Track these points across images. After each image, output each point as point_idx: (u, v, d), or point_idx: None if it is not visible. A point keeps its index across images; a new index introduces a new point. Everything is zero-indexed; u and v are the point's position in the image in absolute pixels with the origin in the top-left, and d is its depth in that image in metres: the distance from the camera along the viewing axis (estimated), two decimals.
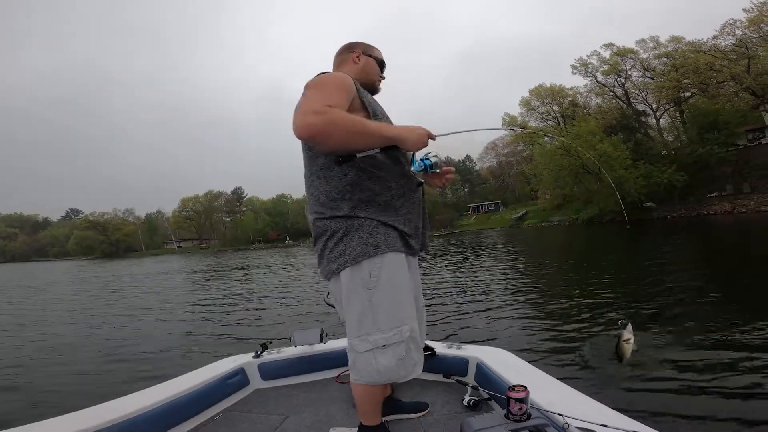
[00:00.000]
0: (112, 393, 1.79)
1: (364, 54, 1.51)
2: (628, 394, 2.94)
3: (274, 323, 6.56)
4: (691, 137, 30.54)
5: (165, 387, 1.82)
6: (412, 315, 1.34)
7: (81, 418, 1.51)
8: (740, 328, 4.10)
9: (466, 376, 1.95)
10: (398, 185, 1.36)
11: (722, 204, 26.97)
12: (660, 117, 37.91)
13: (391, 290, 1.29)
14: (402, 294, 1.31)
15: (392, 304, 1.29)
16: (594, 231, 25.89)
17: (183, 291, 13.06)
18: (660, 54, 34.10)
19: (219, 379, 1.95)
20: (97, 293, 14.41)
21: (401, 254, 1.34)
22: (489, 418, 1.21)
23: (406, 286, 1.33)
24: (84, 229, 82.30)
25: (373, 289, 1.27)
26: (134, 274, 22.99)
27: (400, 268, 1.32)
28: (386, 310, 1.28)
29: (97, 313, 9.34)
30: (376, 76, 1.54)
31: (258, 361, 2.17)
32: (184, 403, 1.74)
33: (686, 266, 8.64)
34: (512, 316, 5.58)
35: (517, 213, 48.77)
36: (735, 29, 28.69)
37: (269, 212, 74.97)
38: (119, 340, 6.30)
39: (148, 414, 1.59)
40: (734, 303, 5.25)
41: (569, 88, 42.07)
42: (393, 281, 1.29)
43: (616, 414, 1.30)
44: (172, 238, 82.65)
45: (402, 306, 1.31)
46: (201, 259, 38.53)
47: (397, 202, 1.35)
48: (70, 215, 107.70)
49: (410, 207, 1.39)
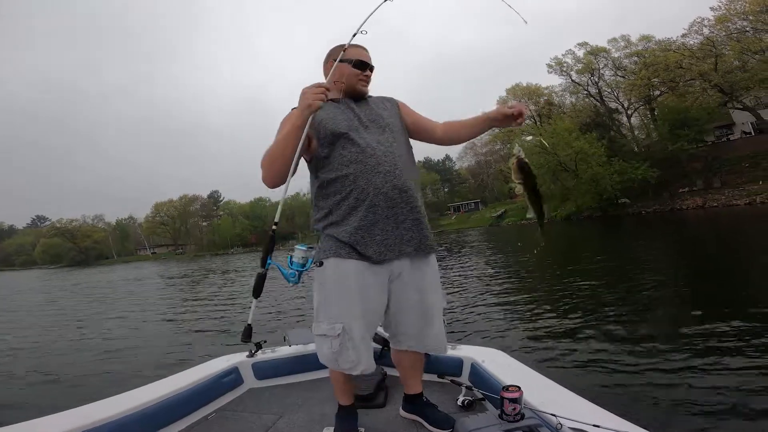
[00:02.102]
0: (103, 394, 1.73)
1: (336, 61, 1.49)
2: (620, 395, 2.95)
3: (268, 322, 6.49)
4: (662, 134, 31.22)
5: (157, 386, 1.81)
6: (351, 315, 1.38)
7: (69, 417, 1.48)
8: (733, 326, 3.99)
9: (460, 376, 1.94)
10: (345, 201, 1.41)
11: (694, 199, 27.61)
12: (631, 115, 38.79)
13: (328, 291, 1.42)
14: (338, 295, 1.40)
15: (329, 302, 1.42)
16: (572, 228, 26.21)
17: (168, 295, 12.89)
18: (631, 53, 34.79)
19: (213, 378, 1.94)
20: (78, 300, 14.05)
21: (346, 260, 1.40)
22: (483, 418, 1.23)
23: (343, 289, 1.40)
24: (51, 237, 79.39)
25: (318, 287, 1.45)
26: (113, 281, 22.40)
27: (338, 272, 1.41)
28: (325, 307, 1.43)
29: (83, 317, 9.28)
30: (354, 78, 1.51)
31: (252, 360, 2.16)
32: (177, 402, 1.72)
33: (669, 262, 8.68)
34: (506, 316, 5.57)
35: (496, 212, 49.03)
36: (703, 27, 29.51)
37: (247, 216, 73.56)
38: (110, 342, 6.27)
39: (140, 413, 1.57)
40: (730, 299, 5.12)
41: (545, 88, 42.67)
42: (330, 283, 1.42)
43: (609, 414, 1.30)
44: (146, 245, 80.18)
45: (337, 305, 1.40)
46: (179, 264, 37.65)
47: (340, 216, 1.42)
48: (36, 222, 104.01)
49: (363, 217, 1.39)
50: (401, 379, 1.69)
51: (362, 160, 1.39)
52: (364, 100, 1.55)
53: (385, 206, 1.39)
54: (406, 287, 1.46)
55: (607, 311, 5.21)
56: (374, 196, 1.38)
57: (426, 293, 1.49)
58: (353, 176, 1.38)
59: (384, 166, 1.39)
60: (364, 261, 1.40)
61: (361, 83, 1.53)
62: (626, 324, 4.65)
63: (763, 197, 22.97)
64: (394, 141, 1.47)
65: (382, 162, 1.39)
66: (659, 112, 33.35)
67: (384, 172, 1.39)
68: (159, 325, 7.41)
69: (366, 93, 1.56)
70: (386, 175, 1.39)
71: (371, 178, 1.38)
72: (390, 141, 1.46)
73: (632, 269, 8.07)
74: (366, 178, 1.38)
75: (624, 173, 29.96)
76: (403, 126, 1.57)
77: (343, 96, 1.53)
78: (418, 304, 1.47)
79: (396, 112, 1.59)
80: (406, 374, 1.66)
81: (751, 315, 4.21)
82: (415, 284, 1.47)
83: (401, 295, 1.47)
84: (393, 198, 1.39)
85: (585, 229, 23.38)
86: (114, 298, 13.56)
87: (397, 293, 1.46)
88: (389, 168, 1.39)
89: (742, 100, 29.02)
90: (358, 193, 1.38)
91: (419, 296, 1.48)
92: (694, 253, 9.86)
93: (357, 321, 1.39)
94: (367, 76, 1.53)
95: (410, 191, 1.43)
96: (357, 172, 1.38)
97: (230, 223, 71.66)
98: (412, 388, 1.65)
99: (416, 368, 1.65)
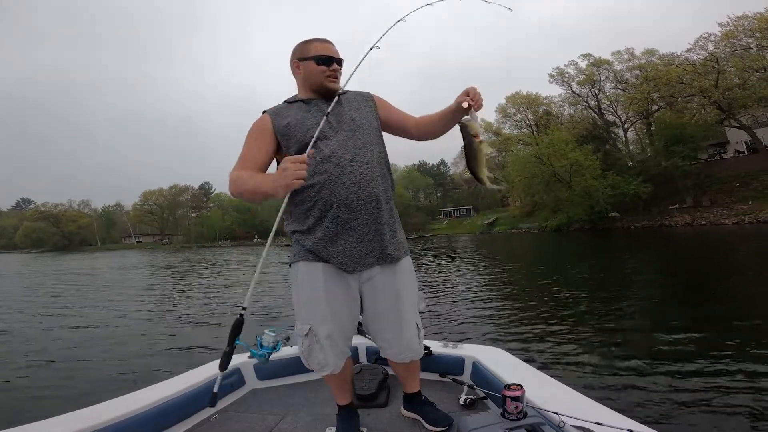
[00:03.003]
0: (103, 396, 1.73)
1: (299, 60, 1.46)
2: (624, 393, 2.96)
3: (268, 322, 6.55)
4: (657, 149, 31.28)
5: (159, 388, 1.80)
6: (317, 317, 1.40)
7: (73, 419, 1.47)
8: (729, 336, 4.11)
9: (462, 375, 1.94)
10: (311, 211, 1.39)
11: (683, 216, 27.62)
12: (627, 129, 38.90)
13: (298, 292, 1.45)
14: (306, 297, 1.43)
15: (298, 303, 1.46)
16: (563, 238, 26.37)
17: (162, 287, 12.79)
18: (633, 66, 34.73)
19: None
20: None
21: (314, 263, 1.42)
22: (485, 417, 1.24)
23: (311, 291, 1.42)
24: (35, 221, 77.68)
25: (293, 288, 1.49)
26: (98, 269, 22.33)
27: (306, 275, 1.43)
28: (297, 307, 1.47)
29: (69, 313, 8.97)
30: (320, 76, 1.44)
31: (254, 360, 2.10)
32: (179, 404, 1.72)
33: (667, 272, 9.09)
34: (507, 316, 5.62)
35: (488, 219, 48.94)
36: (708, 43, 29.46)
37: (238, 209, 72.72)
38: (106, 342, 6.14)
39: (143, 415, 1.57)
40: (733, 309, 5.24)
41: (544, 97, 42.64)
42: (300, 285, 1.44)
43: (611, 412, 1.29)
44: (131, 233, 78.84)
45: (305, 307, 1.43)
46: (165, 255, 37.65)
47: (307, 225, 1.41)
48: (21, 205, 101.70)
49: (327, 228, 1.38)
50: (399, 379, 1.70)
51: (327, 170, 1.35)
52: (337, 97, 1.46)
53: (348, 218, 1.37)
54: (376, 292, 1.45)
55: (606, 312, 5.34)
56: (337, 208, 1.36)
57: (397, 298, 1.47)
58: (318, 186, 1.36)
59: (349, 176, 1.36)
60: (327, 264, 1.40)
61: (329, 80, 1.44)
62: (627, 324, 4.75)
63: (751, 218, 23.01)
64: (363, 146, 1.42)
65: (348, 172, 1.36)
66: (656, 127, 33.44)
67: (348, 182, 1.35)
68: (158, 326, 7.15)
69: (336, 90, 1.46)
70: (350, 186, 1.36)
71: (335, 189, 1.35)
72: (359, 146, 1.41)
73: (630, 277, 8.42)
74: (330, 189, 1.35)
75: (617, 187, 29.95)
76: (377, 125, 1.51)
77: (312, 96, 1.47)
78: (389, 309, 1.46)
79: (371, 110, 1.52)
80: (401, 376, 1.66)
81: (750, 325, 4.36)
82: (386, 289, 1.46)
83: (372, 299, 1.46)
84: (357, 209, 1.37)
85: (577, 241, 23.49)
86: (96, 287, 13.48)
87: (368, 298, 1.46)
88: (354, 178, 1.36)
89: (739, 118, 29.07)
90: (322, 204, 1.37)
91: (391, 302, 1.46)
92: (691, 266, 10.06)
93: (325, 323, 1.40)
94: (334, 70, 1.45)
95: (375, 201, 1.39)
96: (321, 182, 1.35)
97: (220, 216, 70.85)
98: (410, 387, 1.66)
99: (411, 370, 1.63)
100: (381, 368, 2.01)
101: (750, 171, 27.21)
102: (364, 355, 2.28)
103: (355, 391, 1.75)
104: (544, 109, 42.70)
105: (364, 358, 2.27)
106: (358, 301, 1.46)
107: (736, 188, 27.11)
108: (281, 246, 23.99)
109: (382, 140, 1.53)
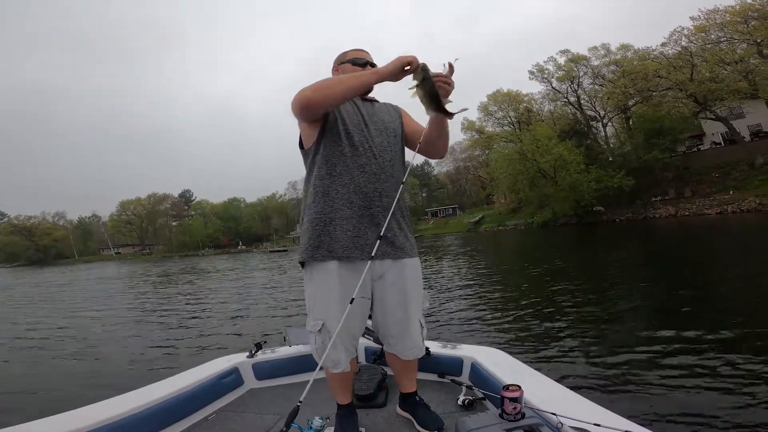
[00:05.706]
0: (101, 395, 1.69)
1: (338, 64, 1.58)
2: (621, 394, 2.96)
3: (268, 322, 6.58)
4: (637, 143, 31.69)
5: (158, 387, 1.78)
6: (330, 316, 1.41)
7: (72, 418, 1.47)
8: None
9: (460, 376, 1.94)
10: (330, 205, 1.43)
11: (666, 207, 27.99)
12: (606, 124, 39.41)
13: (312, 289, 1.47)
14: (318, 294, 1.45)
15: (311, 300, 1.47)
16: (550, 234, 26.38)
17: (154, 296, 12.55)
18: (609, 61, 35.22)
19: (213, 379, 1.92)
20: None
21: (328, 262, 1.43)
22: (483, 418, 1.24)
23: (324, 288, 1.44)
24: (7, 234, 74.83)
25: (305, 285, 1.50)
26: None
27: (319, 273, 1.45)
28: (309, 304, 1.48)
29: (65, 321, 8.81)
30: None
31: (252, 360, 2.16)
32: (177, 403, 1.71)
33: (664, 266, 8.86)
34: (506, 316, 5.57)
35: (474, 217, 49.01)
36: (682, 37, 29.94)
37: (220, 216, 71.34)
38: (103, 343, 6.16)
39: (141, 414, 1.56)
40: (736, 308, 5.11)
41: (525, 94, 42.93)
42: (313, 282, 1.46)
43: (609, 413, 1.29)
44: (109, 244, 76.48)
45: (317, 304, 1.45)
46: (145, 265, 36.87)
47: (327, 219, 1.43)
48: None
49: (342, 220, 1.42)
50: (396, 379, 1.70)
51: (352, 156, 1.42)
52: (369, 101, 1.59)
53: (362, 205, 1.42)
54: (387, 288, 1.48)
55: (602, 311, 5.31)
56: (354, 193, 1.41)
57: (406, 295, 1.50)
58: (339, 170, 1.42)
59: (371, 167, 1.43)
60: (342, 261, 1.42)
61: None
62: (626, 324, 4.72)
63: (734, 207, 23.42)
64: (388, 145, 1.50)
65: (371, 162, 1.43)
66: (635, 121, 33.90)
67: (369, 172, 1.42)
68: (153, 328, 7.09)
69: (371, 89, 1.50)
70: (370, 176, 1.42)
71: (356, 175, 1.41)
72: (384, 144, 1.49)
73: (622, 271, 8.14)
74: (350, 175, 1.41)
75: (600, 181, 30.25)
76: (401, 132, 1.59)
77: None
78: (398, 306, 1.49)
79: (398, 119, 1.62)
80: (399, 374, 1.67)
81: (742, 322, 4.25)
82: (397, 286, 1.49)
83: (383, 296, 1.49)
84: (372, 199, 1.42)
85: (564, 236, 23.46)
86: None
87: (379, 294, 1.49)
88: (375, 170, 1.43)
89: (715, 110, 29.65)
90: (341, 187, 1.42)
91: (400, 298, 1.49)
92: (688, 261, 9.94)
93: (335, 320, 1.39)
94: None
95: (390, 198, 1.45)
96: (343, 167, 1.41)
97: (202, 223, 69.41)
98: (406, 387, 1.67)
99: (409, 369, 1.64)
100: (380, 368, 2.01)
101: (729, 161, 27.79)
102: (363, 355, 2.27)
103: (354, 391, 1.72)
104: (525, 106, 42.96)
105: (363, 358, 2.26)
106: (369, 301, 1.48)
107: (716, 179, 27.62)
108: (266, 252, 23.47)
109: (404, 147, 1.61)
